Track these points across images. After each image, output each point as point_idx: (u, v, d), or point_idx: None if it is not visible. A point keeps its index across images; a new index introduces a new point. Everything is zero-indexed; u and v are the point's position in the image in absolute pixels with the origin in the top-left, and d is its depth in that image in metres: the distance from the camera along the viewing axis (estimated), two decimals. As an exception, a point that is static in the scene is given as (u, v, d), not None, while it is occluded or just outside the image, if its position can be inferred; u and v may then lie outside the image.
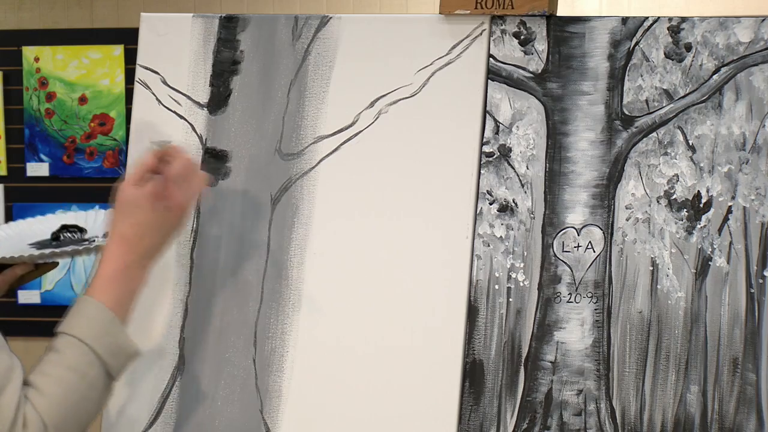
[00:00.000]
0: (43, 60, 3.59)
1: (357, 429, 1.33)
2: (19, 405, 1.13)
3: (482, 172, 1.33)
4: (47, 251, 1.46)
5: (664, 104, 1.28)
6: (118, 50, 3.55)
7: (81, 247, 1.45)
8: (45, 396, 1.16)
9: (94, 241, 1.55)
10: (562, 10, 1.37)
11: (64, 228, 1.59)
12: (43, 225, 1.62)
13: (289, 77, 1.39)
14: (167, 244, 1.30)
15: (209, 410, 1.36)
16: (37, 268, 1.50)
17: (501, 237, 1.32)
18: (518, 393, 1.30)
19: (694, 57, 1.28)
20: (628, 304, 1.28)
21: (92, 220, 1.62)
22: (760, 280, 1.25)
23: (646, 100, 1.29)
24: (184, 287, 1.40)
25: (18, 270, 1.49)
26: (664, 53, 1.29)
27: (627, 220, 1.29)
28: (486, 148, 1.33)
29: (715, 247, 1.26)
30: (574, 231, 1.30)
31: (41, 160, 3.62)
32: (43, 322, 3.62)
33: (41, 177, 3.57)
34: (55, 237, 1.56)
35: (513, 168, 1.32)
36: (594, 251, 1.29)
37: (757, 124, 1.26)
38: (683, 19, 1.28)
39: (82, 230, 1.59)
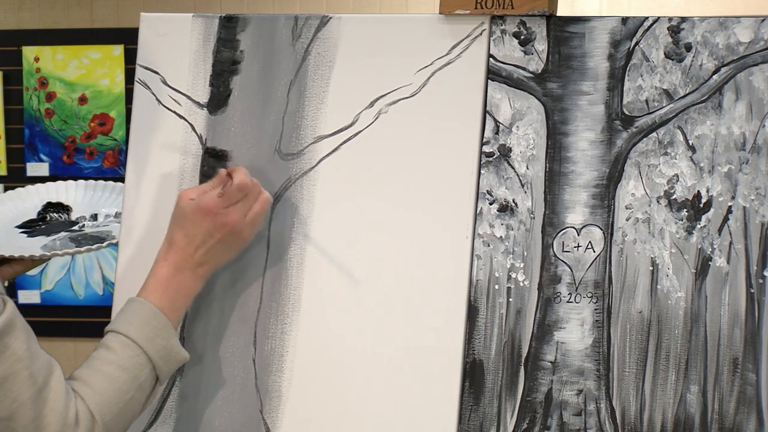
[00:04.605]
0: (43, 60, 3.59)
1: (357, 429, 1.33)
2: (67, 397, 1.13)
3: (482, 172, 1.33)
4: (60, 251, 1.43)
5: (664, 104, 1.28)
6: (118, 50, 3.55)
7: (94, 246, 1.44)
8: (96, 391, 1.16)
9: (84, 225, 1.53)
10: (562, 10, 1.37)
11: (50, 206, 1.56)
12: (25, 202, 1.58)
13: (289, 77, 1.39)
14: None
15: (209, 410, 1.36)
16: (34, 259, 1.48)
17: (501, 237, 1.32)
18: (518, 393, 1.30)
19: (694, 57, 1.28)
20: (628, 304, 1.28)
21: (76, 194, 1.59)
22: (760, 280, 1.25)
23: (646, 100, 1.29)
24: (184, 287, 1.40)
25: (18, 267, 1.48)
26: (664, 53, 1.29)
27: (627, 220, 1.29)
28: (486, 148, 1.33)
29: (715, 247, 1.26)
30: (574, 231, 1.30)
31: (41, 160, 3.62)
32: (43, 322, 3.62)
33: (41, 177, 3.57)
34: (42, 217, 1.53)
35: (513, 168, 1.32)
36: (594, 251, 1.29)
37: (757, 124, 1.26)
38: (683, 19, 1.28)
39: (66, 208, 1.57)
